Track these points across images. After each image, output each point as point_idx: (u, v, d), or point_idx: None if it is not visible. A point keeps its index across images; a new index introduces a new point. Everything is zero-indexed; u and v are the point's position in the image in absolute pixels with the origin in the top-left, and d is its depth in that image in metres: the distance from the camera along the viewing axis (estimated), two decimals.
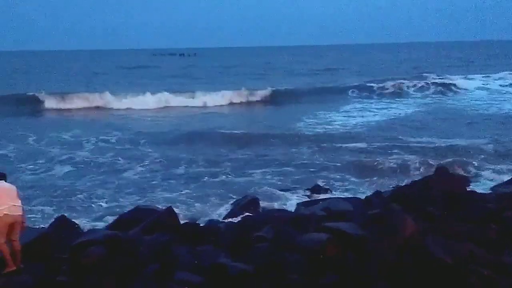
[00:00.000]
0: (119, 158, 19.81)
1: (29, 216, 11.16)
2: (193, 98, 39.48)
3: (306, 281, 7.99)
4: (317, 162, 18.89)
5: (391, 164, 17.79)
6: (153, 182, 16.81)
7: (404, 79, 47.97)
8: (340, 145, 21.58)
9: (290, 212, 11.83)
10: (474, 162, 17.57)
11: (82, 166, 18.95)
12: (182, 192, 15.58)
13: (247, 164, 18.76)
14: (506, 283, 7.68)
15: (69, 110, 36.73)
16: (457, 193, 11.65)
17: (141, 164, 18.95)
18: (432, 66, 70.06)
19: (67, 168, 18.56)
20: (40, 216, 13.35)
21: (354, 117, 30.77)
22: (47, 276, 8.48)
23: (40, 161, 19.53)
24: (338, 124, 27.85)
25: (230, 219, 12.17)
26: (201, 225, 10.99)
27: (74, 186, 16.28)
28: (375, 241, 8.73)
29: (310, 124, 27.83)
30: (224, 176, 17.27)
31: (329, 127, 27.13)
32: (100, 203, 14.68)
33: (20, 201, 9.03)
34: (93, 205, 14.58)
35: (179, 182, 16.76)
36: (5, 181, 9.07)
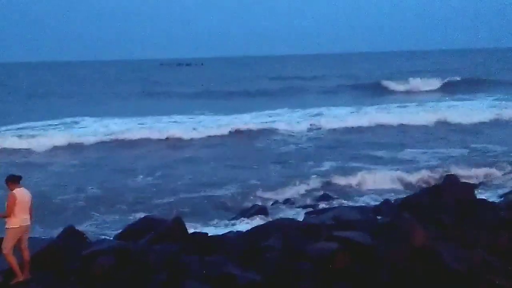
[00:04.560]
0: None
1: None
2: None
3: None
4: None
5: None
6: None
7: None
8: None
9: (299, 221, 11.76)
10: None
11: None
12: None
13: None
14: None
15: None
16: (467, 201, 11.54)
17: None
18: None
19: None
20: None
21: None
22: (57, 286, 8.47)
23: None
24: None
25: (238, 229, 12.14)
26: (209, 234, 10.94)
27: None
28: (386, 249, 8.67)
29: None
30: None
31: None
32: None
33: (31, 209, 9.06)
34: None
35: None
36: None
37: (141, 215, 13.76)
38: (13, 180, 8.89)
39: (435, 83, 54.75)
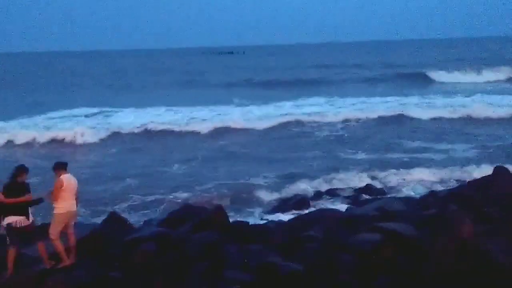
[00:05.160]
0: None
1: None
2: None
3: (358, 282, 7.78)
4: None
5: None
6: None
7: None
8: None
9: (342, 211, 11.59)
10: None
11: None
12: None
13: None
14: None
15: None
16: None
17: None
18: None
19: None
20: None
21: None
22: (100, 271, 8.61)
23: None
24: None
25: (279, 218, 12.07)
26: (250, 223, 10.91)
27: None
28: (431, 242, 8.42)
29: None
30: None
31: None
32: None
33: (77, 195, 9.24)
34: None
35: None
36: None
37: (182, 202, 13.91)
38: (60, 167, 9.13)
39: (486, 73, 52.37)
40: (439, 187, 14.86)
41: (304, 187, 15.54)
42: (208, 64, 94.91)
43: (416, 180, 15.95)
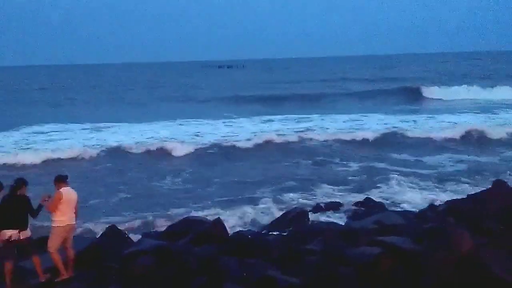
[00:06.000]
0: None
1: None
2: None
3: None
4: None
5: None
6: None
7: None
8: None
9: (340, 225, 11.57)
10: None
11: None
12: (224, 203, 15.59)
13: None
14: None
15: None
16: None
17: None
18: None
19: None
20: None
21: None
22: (99, 284, 8.57)
23: None
24: None
25: (278, 232, 12.04)
26: (249, 236, 10.88)
27: None
28: (430, 256, 8.41)
29: None
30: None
31: None
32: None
33: (76, 209, 9.24)
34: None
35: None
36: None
37: (180, 216, 13.85)
38: (60, 180, 9.19)
39: (478, 90, 51.74)
40: (435, 202, 14.84)
41: (302, 201, 15.53)
42: (206, 78, 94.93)
43: (412, 195, 15.97)
